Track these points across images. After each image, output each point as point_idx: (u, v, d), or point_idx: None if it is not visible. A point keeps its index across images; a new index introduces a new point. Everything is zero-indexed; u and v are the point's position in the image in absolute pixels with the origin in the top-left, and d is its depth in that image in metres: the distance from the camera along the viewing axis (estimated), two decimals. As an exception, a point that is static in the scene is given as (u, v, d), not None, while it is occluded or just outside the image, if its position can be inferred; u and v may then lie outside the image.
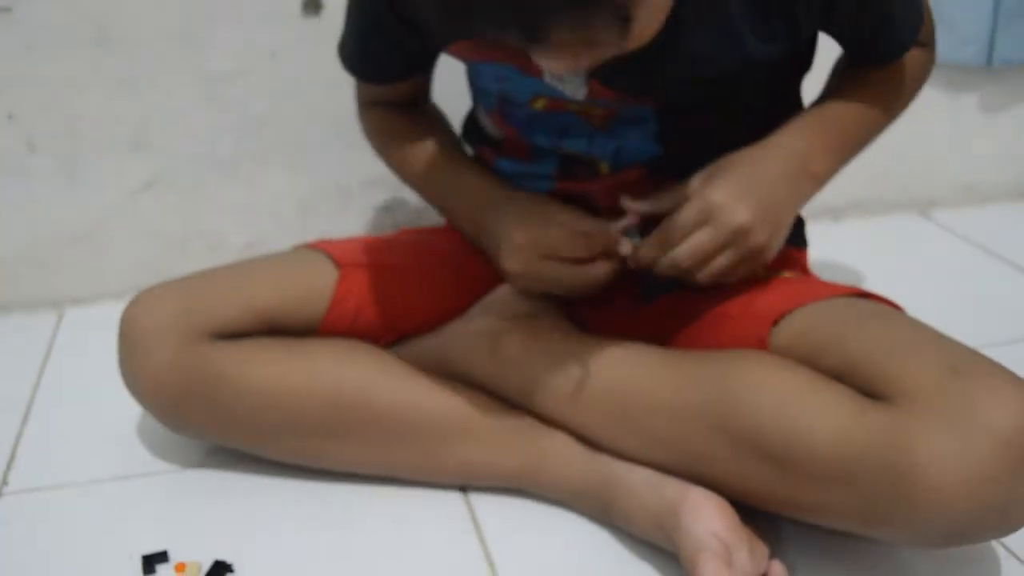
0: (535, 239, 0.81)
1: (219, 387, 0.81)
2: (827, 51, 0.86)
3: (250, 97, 1.16)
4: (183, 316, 0.82)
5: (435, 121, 0.97)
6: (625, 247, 0.80)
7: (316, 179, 1.22)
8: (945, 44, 1.25)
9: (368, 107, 0.98)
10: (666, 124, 0.82)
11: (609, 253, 0.81)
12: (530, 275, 0.82)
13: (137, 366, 0.82)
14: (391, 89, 0.94)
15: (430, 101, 0.99)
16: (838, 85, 0.86)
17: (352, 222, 1.24)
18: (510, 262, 0.82)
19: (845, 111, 0.83)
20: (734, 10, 0.74)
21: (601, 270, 0.81)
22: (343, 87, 1.17)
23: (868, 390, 0.67)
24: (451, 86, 0.99)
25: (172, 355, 0.81)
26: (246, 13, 1.13)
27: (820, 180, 0.82)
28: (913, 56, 0.84)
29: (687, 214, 0.76)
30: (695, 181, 0.79)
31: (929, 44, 0.87)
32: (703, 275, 0.78)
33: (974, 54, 1.30)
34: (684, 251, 0.76)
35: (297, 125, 1.19)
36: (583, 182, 0.86)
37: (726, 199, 0.76)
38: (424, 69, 0.94)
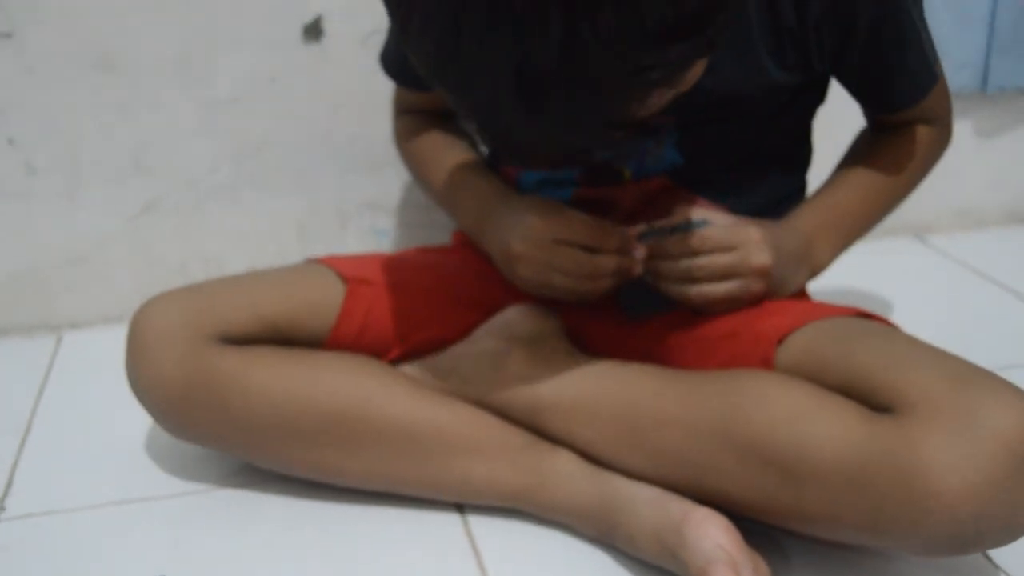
0: (552, 222, 0.81)
1: (224, 389, 0.81)
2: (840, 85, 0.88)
3: (250, 122, 1.17)
4: (191, 319, 0.82)
5: (461, 133, 0.99)
6: (640, 251, 0.81)
7: (316, 203, 1.22)
8: (940, 70, 1.27)
9: (402, 114, 1.02)
10: (686, 136, 0.85)
11: (621, 252, 0.82)
12: (539, 261, 0.81)
13: (144, 366, 0.82)
14: (426, 97, 0.97)
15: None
16: (852, 163, 0.90)
17: (351, 246, 1.24)
18: (522, 244, 0.82)
19: (854, 200, 0.89)
20: (756, 38, 0.79)
21: (611, 264, 0.81)
22: (342, 112, 1.19)
23: (873, 403, 0.68)
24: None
25: (179, 355, 0.81)
26: (247, 39, 1.14)
27: (817, 271, 0.88)
28: (924, 132, 0.88)
29: (722, 234, 0.81)
30: (723, 220, 0.83)
31: (940, 123, 0.90)
32: (699, 292, 0.81)
33: (969, 79, 1.32)
34: (703, 263, 0.80)
35: (297, 150, 1.19)
36: (606, 188, 0.87)
37: (761, 239, 0.81)
38: None
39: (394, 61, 0.96)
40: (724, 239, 0.81)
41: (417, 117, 1.00)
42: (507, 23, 0.58)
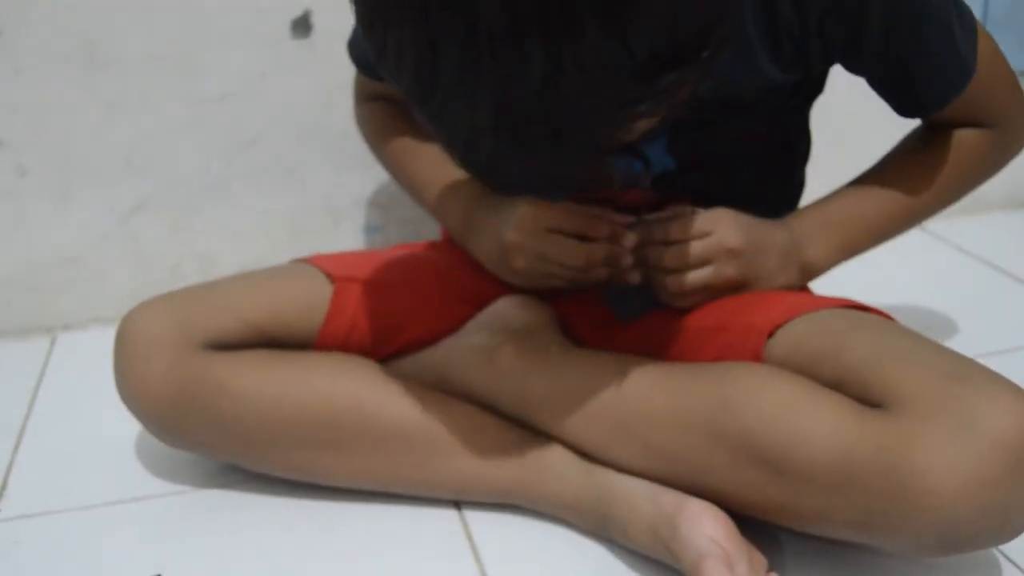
0: (543, 211, 0.81)
1: (213, 396, 0.81)
2: (839, 76, 0.84)
3: (240, 119, 1.17)
4: (178, 326, 0.82)
5: None
6: (629, 239, 0.81)
7: (307, 200, 1.22)
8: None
9: (366, 101, 1.00)
10: (677, 139, 0.83)
11: (611, 241, 0.81)
12: (533, 250, 0.81)
13: (132, 376, 0.82)
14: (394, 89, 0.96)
15: None
16: (880, 167, 0.87)
17: (344, 242, 1.24)
18: (514, 233, 0.81)
19: (869, 206, 0.85)
20: (752, 37, 0.75)
21: (602, 252, 0.81)
22: (333, 108, 1.18)
23: (865, 398, 0.67)
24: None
25: (167, 364, 0.81)
26: (235, 35, 1.13)
27: (811, 272, 0.85)
28: (966, 137, 0.82)
29: (698, 221, 0.80)
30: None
31: (999, 125, 0.82)
32: (676, 281, 0.80)
33: (964, 64, 1.31)
34: (682, 250, 0.80)
35: (288, 146, 1.19)
36: (595, 191, 0.86)
37: (730, 223, 0.80)
38: None
39: (363, 51, 0.94)
40: (700, 225, 0.80)
41: (386, 106, 0.98)
42: (486, 54, 0.55)
